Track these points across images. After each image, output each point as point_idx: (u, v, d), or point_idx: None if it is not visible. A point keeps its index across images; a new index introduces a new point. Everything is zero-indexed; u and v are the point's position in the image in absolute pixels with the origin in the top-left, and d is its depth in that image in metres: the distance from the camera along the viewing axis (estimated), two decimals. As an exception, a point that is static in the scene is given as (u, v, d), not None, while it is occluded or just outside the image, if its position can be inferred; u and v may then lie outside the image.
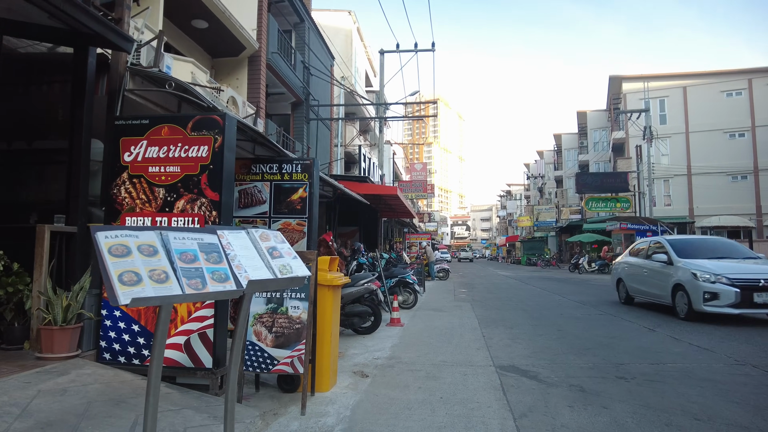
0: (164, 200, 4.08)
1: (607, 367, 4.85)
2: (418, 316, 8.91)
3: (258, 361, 3.66)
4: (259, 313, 3.73)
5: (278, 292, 3.76)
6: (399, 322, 7.68)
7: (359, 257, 10.18)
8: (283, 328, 3.67)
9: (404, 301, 9.84)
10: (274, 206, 5.71)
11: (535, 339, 6.49)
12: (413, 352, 5.64)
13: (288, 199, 5.68)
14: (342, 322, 6.54)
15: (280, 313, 3.71)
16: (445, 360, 5.22)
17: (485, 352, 5.65)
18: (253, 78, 13.59)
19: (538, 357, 5.37)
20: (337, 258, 4.48)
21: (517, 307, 10.27)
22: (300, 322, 3.67)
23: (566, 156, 48.29)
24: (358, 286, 6.60)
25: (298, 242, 5.62)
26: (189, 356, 3.89)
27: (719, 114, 32.25)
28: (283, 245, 2.50)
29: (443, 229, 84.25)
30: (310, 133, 17.41)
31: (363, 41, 28.54)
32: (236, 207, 5.80)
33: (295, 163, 5.70)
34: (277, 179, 5.72)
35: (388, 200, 15.91)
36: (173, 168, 4.09)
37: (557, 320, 8.23)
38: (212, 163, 4.04)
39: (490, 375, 4.60)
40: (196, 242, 2.03)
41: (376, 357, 5.38)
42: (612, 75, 35.57)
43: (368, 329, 6.78)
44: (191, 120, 4.10)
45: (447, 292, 14.51)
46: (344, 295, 6.57)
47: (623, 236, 26.39)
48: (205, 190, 4.02)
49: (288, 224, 5.66)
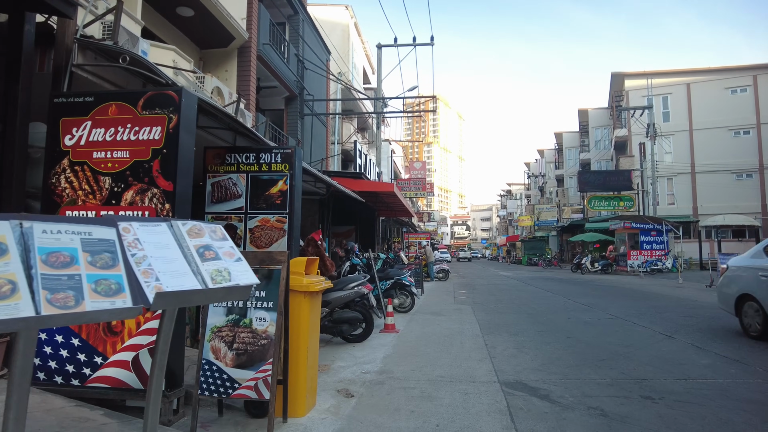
0: (110, 191, 3.46)
1: (629, 384, 4.22)
2: (415, 320, 8.29)
3: (216, 383, 3.03)
4: (217, 325, 3.11)
5: (240, 302, 3.13)
6: (394, 328, 7.05)
7: (353, 257, 9.55)
8: (246, 344, 3.05)
9: (400, 304, 9.22)
10: (251, 200, 5.09)
11: (543, 348, 5.87)
12: (407, 365, 5.01)
13: (266, 193, 5.06)
14: (329, 329, 5.93)
15: (242, 326, 3.09)
16: (443, 375, 4.60)
17: (488, 364, 5.02)
18: (243, 70, 12.96)
19: (548, 370, 4.74)
20: (316, 259, 3.86)
21: (520, 310, 9.64)
22: (266, 336, 3.05)
23: (567, 155, 47.69)
24: (347, 290, 5.98)
25: (277, 241, 4.99)
26: (138, 375, 3.26)
27: (723, 111, 31.65)
28: (222, 243, 1.87)
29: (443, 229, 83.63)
30: (304, 129, 16.79)
31: (360, 36, 27.91)
32: (209, 201, 5.18)
33: (275, 152, 5.08)
34: (254, 170, 5.10)
35: (385, 198, 15.28)
36: (121, 153, 3.47)
37: (565, 325, 7.60)
38: (166, 147, 3.42)
39: (494, 394, 3.97)
40: (80, 238, 1.41)
41: (365, 371, 4.76)
42: (614, 72, 34.96)
43: (359, 337, 6.16)
44: (143, 96, 3.48)
45: (446, 293, 13.88)
46: (332, 299, 5.96)
47: (627, 235, 25.75)
48: (157, 179, 3.40)
49: (266, 221, 5.04)
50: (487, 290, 14.87)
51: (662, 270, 23.86)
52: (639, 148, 29.33)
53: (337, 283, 6.10)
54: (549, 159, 53.96)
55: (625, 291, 13.97)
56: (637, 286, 15.76)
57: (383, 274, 9.23)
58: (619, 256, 26.04)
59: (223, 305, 3.12)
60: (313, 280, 3.53)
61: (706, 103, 32.21)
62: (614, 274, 25.00)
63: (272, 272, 3.14)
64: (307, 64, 16.91)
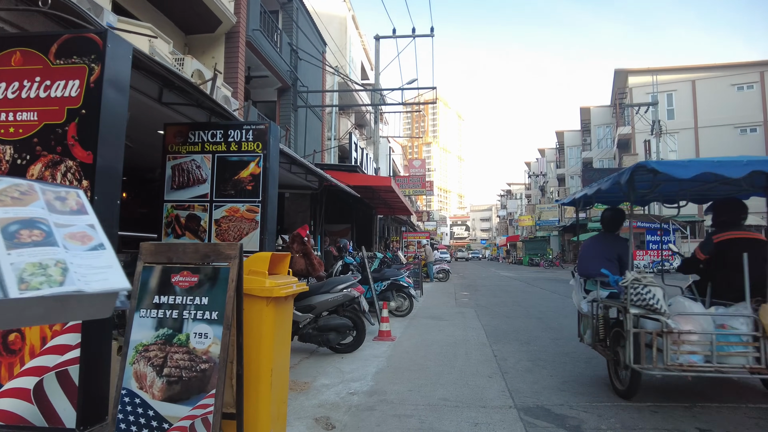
0: (12, 164, 2.64)
1: (678, 412, 3.41)
2: (414, 326, 7.47)
3: (139, 422, 2.21)
4: (144, 342, 2.29)
5: (174, 311, 2.31)
6: (389, 335, 6.23)
7: (345, 256, 8.73)
8: (181, 368, 2.23)
9: (398, 307, 8.40)
10: (218, 186, 4.27)
11: (562, 360, 5.06)
12: (403, 383, 4.20)
13: (235, 177, 4.24)
14: (313, 338, 5.11)
15: (176, 344, 2.27)
16: (447, 397, 3.78)
17: (500, 381, 4.21)
18: (231, 56, 12.14)
19: (573, 390, 3.93)
20: (286, 255, 3.05)
21: (528, 314, 8.83)
22: (208, 359, 2.23)
23: (569, 153, 46.93)
24: (334, 293, 5.16)
25: (248, 234, 4.18)
26: (41, 408, 2.45)
27: (730, 108, 30.92)
28: (72, 219, 1.06)
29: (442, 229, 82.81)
30: (298, 122, 15.96)
31: (358, 30, 27.11)
32: (168, 188, 4.37)
33: (245, 129, 4.26)
34: (221, 150, 4.29)
35: (382, 194, 14.47)
36: (27, 115, 2.65)
37: (581, 332, 6.80)
38: (85, 107, 2.60)
39: (511, 424, 3.16)
40: None
41: (352, 391, 3.94)
42: (617, 68, 34.18)
43: (349, 346, 5.34)
44: (56, 41, 2.66)
45: (447, 295, 13.07)
46: (317, 304, 5.14)
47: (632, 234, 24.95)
48: (73, 148, 2.58)
49: (235, 210, 4.22)
50: (490, 292, 14.06)
51: (669, 270, 23.07)
52: (644, 146, 28.55)
53: (322, 284, 5.28)
54: (550, 158, 53.22)
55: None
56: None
57: (379, 274, 8.41)
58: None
59: (149, 315, 2.30)
60: (280, 281, 2.72)
61: (712, 100, 31.48)
62: (619, 274, 24.17)
63: (218, 272, 2.33)
64: (302, 54, 16.09)
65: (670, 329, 3.34)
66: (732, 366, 3.36)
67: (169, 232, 4.33)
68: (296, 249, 6.43)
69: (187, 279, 2.34)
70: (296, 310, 5.13)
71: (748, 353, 3.36)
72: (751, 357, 3.35)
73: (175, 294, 2.33)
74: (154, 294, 2.34)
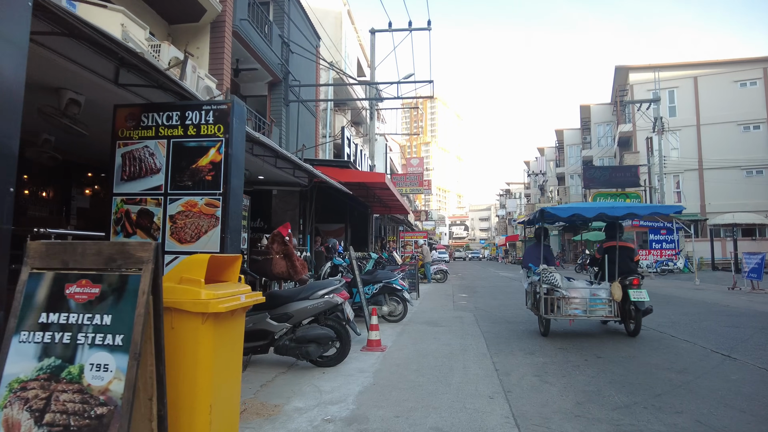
0: None
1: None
2: (408, 333, 6.87)
3: (12, 489, 1.62)
4: (21, 378, 1.69)
5: (66, 334, 1.71)
6: (379, 345, 5.63)
7: (335, 257, 8.13)
8: (69, 414, 1.63)
9: (390, 312, 7.80)
10: (173, 176, 3.67)
11: (572, 375, 4.46)
12: (390, 406, 3.59)
13: (193, 166, 3.64)
14: (291, 350, 4.51)
15: (65, 380, 1.67)
16: (441, 426, 3.18)
17: (503, 404, 3.61)
18: (216, 46, 11.54)
19: (590, 415, 3.34)
20: (236, 258, 2.45)
21: (531, 319, 8.22)
22: (108, 400, 1.64)
23: (568, 152, 46.40)
24: (314, 299, 4.55)
25: (207, 233, 3.58)
26: None
27: (732, 105, 30.40)
28: None
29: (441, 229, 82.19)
30: (290, 118, 15.34)
31: (354, 25, 26.49)
32: (118, 179, 3.77)
33: (205, 109, 3.66)
34: (177, 135, 3.68)
35: (377, 192, 13.87)
36: None
37: (591, 339, 6.21)
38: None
39: (519, 465, 2.57)
40: None
41: (328, 417, 3.34)
42: (618, 65, 33.62)
43: (331, 359, 4.74)
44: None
45: (445, 297, 12.47)
46: (294, 312, 4.54)
47: (635, 234, 24.39)
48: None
49: (193, 204, 3.62)
50: (490, 293, 13.47)
51: (673, 270, 22.49)
52: (646, 143, 27.99)
53: (301, 290, 4.68)
54: (549, 157, 52.68)
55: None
56: (653, 289, 14.38)
57: (370, 276, 7.81)
58: (627, 256, 24.68)
59: (29, 340, 1.70)
60: (222, 292, 2.11)
61: (714, 97, 30.96)
62: (622, 275, 23.62)
63: (126, 281, 1.73)
64: (294, 47, 15.49)
65: (563, 296, 6.21)
66: (597, 316, 6.32)
67: (119, 230, 3.73)
68: (276, 249, 5.82)
69: (86, 290, 1.75)
70: (271, 319, 4.53)
71: (605, 308, 6.25)
72: (606, 311, 6.25)
73: (70, 310, 1.74)
74: (42, 311, 1.75)
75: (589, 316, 6.23)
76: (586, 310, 6.18)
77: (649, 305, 6.12)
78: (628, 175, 28.30)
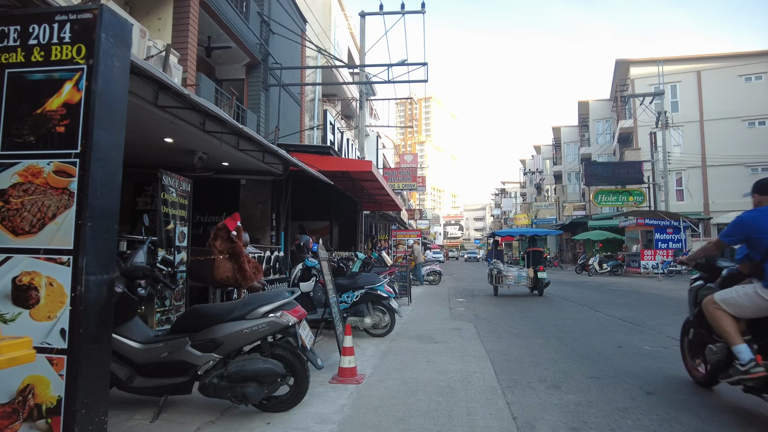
0: None
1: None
2: (394, 352, 5.51)
3: None
4: None
5: None
6: (354, 374, 4.24)
7: (307, 258, 6.74)
8: None
9: (375, 324, 6.43)
10: (6, 128, 2.28)
11: (624, 424, 3.12)
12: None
13: (38, 111, 2.25)
14: (221, 391, 3.12)
15: None
16: None
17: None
18: (180, 17, 10.12)
19: None
20: None
21: (545, 331, 6.90)
22: None
23: (566, 150, 45.32)
24: (253, 320, 3.15)
25: (55, 218, 2.19)
26: None
27: (737, 100, 29.37)
28: None
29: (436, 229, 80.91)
30: (269, 104, 13.91)
31: (344, 11, 25.11)
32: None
33: (58, 22, 2.27)
34: (15, 62, 2.29)
35: (364, 184, 12.49)
36: None
37: (623, 362, 4.88)
38: None
39: None
40: None
41: None
42: (619, 59, 32.45)
43: (281, 403, 3.36)
44: None
45: (440, 302, 11.13)
46: (225, 337, 3.14)
47: (640, 233, 23.20)
48: None
49: (35, 172, 2.23)
50: (491, 299, 12.12)
51: (681, 272, 21.28)
52: (649, 138, 26.83)
53: (235, 306, 3.28)
54: (546, 155, 51.59)
55: (657, 298, 11.31)
56: (666, 292, 13.14)
57: (350, 281, 6.44)
58: (631, 256, 23.46)
59: None
60: None
61: (718, 91, 29.91)
62: (625, 275, 22.42)
63: None
64: (276, 28, 14.06)
65: (503, 274, 12.48)
66: (521, 284, 12.50)
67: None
68: (219, 248, 4.43)
69: None
70: (193, 347, 3.15)
71: (528, 282, 12.37)
72: (526, 282, 12.42)
73: None
74: None
75: (517, 283, 12.47)
76: (517, 283, 12.45)
77: (548, 281, 12.47)
78: (631, 171, 27.11)
